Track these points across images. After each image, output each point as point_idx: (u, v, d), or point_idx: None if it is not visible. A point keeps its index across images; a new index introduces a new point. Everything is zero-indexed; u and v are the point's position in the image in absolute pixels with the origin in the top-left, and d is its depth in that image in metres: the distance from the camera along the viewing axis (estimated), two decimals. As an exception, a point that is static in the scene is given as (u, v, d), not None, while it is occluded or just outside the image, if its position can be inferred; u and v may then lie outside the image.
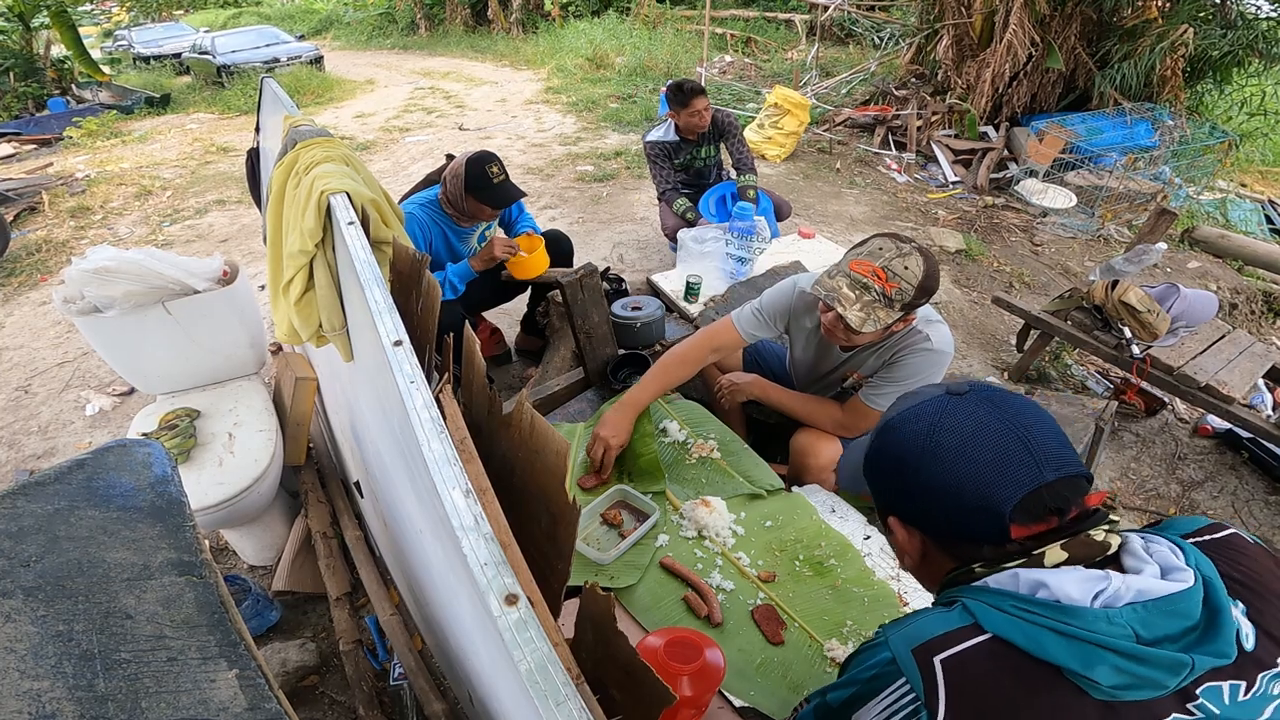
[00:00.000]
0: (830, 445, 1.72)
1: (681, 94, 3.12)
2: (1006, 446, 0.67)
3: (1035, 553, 0.65)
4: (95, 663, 0.56)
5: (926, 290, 1.43)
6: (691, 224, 3.22)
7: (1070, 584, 0.61)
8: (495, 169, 2.25)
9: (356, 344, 1.23)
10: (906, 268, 1.40)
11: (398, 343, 0.81)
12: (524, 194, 2.39)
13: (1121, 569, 0.64)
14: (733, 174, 3.40)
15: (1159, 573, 0.62)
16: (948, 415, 0.71)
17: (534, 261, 2.37)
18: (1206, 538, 0.70)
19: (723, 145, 3.39)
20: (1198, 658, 0.57)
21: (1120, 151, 4.77)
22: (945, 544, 0.73)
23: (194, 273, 1.90)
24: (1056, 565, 0.64)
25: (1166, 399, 2.88)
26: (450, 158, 2.34)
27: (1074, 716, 0.57)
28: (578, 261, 2.37)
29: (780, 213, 3.42)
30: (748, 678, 1.23)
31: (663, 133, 3.30)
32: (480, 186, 2.23)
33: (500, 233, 2.69)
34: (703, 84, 3.20)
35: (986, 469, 0.66)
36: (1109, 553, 0.65)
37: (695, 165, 3.40)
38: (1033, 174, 4.97)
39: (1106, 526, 0.67)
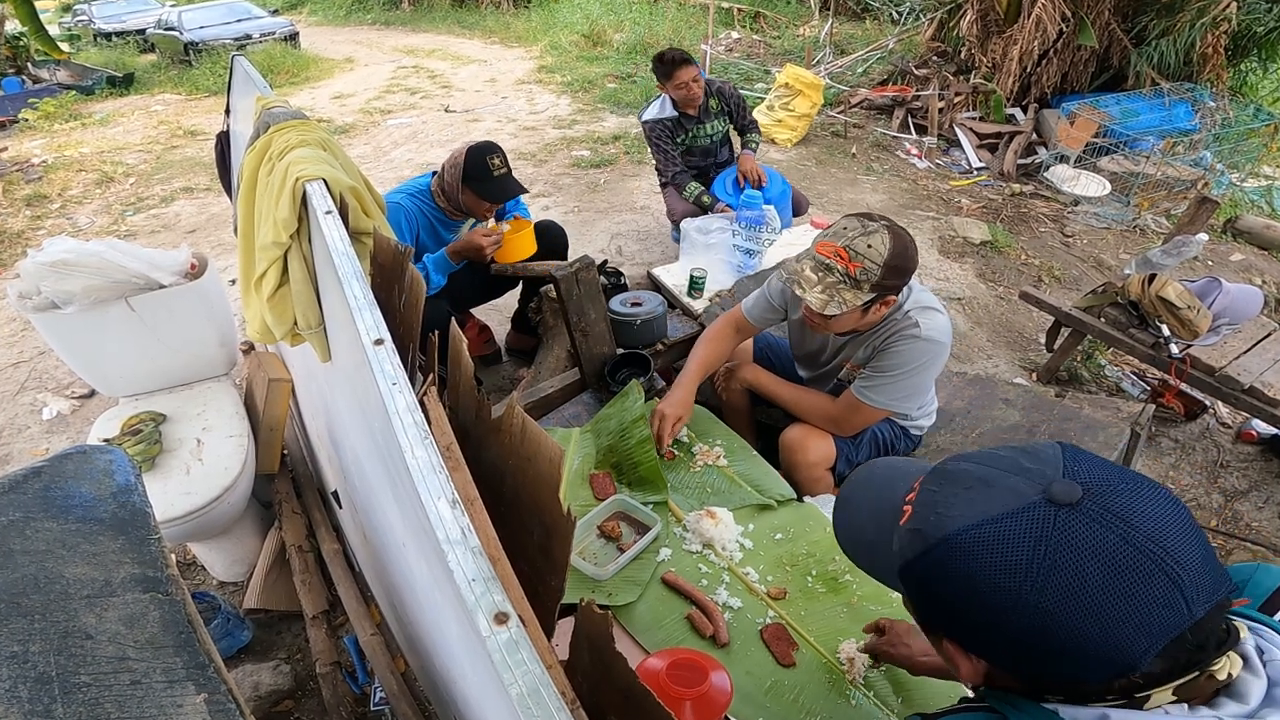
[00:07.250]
0: (822, 441, 1.75)
1: (663, 65, 3.05)
2: (1150, 588, 0.52)
3: (1139, 695, 0.56)
4: (53, 686, 0.56)
5: (897, 270, 1.46)
6: (707, 209, 3.16)
7: None
8: (497, 161, 2.25)
9: (334, 343, 1.23)
10: (870, 245, 1.44)
11: (379, 341, 0.81)
12: (525, 190, 2.38)
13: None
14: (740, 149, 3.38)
15: (1265, 689, 0.55)
16: (1055, 548, 0.55)
17: (518, 244, 2.33)
18: None
19: (729, 119, 3.36)
20: None
21: (1158, 135, 4.78)
22: (1027, 680, 0.62)
23: (159, 266, 1.90)
24: (1156, 707, 0.55)
25: (1208, 402, 2.88)
26: None
27: None
28: (573, 254, 2.37)
29: (798, 208, 3.41)
30: (756, 702, 1.23)
31: (659, 109, 3.24)
32: (477, 177, 2.22)
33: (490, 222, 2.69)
34: (694, 56, 3.14)
35: (1123, 624, 0.53)
36: (1226, 683, 0.56)
37: (700, 143, 3.35)
38: (1063, 159, 4.97)
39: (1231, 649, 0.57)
